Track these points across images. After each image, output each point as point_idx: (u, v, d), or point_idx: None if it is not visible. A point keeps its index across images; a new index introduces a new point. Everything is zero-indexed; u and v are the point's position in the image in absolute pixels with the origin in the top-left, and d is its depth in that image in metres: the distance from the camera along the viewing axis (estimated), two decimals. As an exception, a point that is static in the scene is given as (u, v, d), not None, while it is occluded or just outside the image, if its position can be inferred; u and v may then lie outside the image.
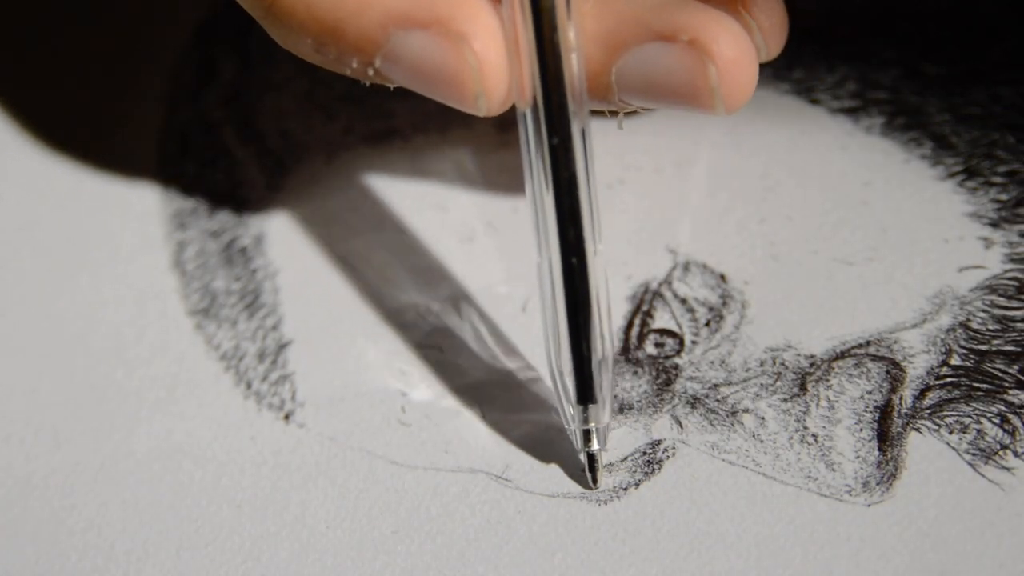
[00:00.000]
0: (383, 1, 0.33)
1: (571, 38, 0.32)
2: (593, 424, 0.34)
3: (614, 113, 0.36)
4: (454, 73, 0.32)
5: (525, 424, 0.36)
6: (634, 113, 0.35)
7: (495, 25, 0.32)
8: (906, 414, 0.35)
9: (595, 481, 0.35)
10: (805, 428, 0.35)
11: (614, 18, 0.33)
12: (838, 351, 0.36)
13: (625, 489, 0.35)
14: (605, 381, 0.34)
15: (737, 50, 0.32)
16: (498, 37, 0.32)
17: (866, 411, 0.35)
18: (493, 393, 0.37)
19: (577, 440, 0.35)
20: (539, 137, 0.33)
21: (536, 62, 0.32)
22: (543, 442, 0.36)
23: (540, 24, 0.32)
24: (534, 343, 0.37)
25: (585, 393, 0.34)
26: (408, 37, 0.32)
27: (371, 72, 0.33)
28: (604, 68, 0.33)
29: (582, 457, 0.35)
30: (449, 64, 0.32)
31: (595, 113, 0.34)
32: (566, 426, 0.35)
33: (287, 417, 0.37)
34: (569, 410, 0.34)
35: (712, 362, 0.37)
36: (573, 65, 0.33)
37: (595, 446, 0.35)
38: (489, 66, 0.32)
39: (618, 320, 0.37)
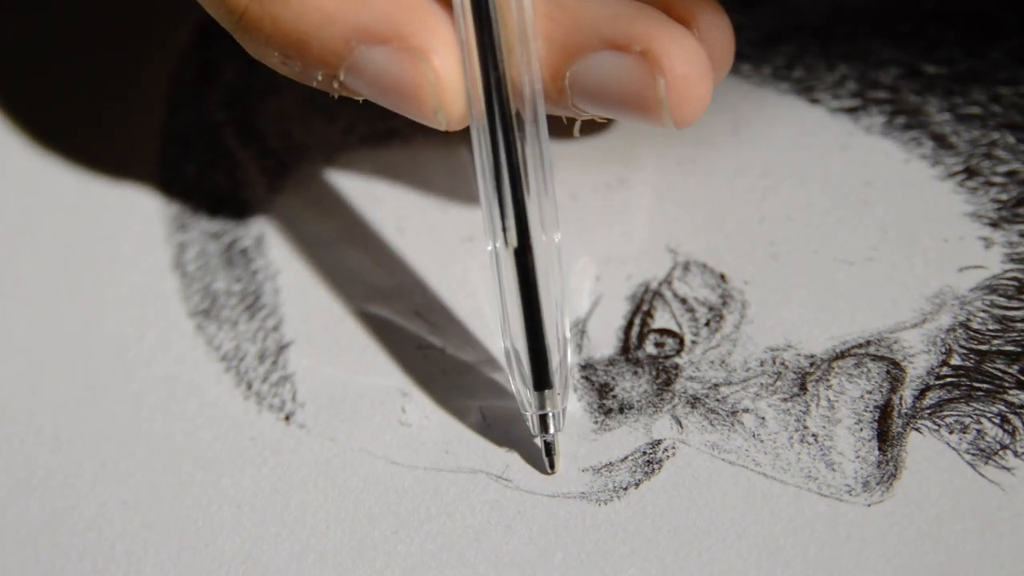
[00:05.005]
0: (346, 15, 0.33)
1: (519, 58, 0.33)
2: (550, 409, 0.34)
3: (572, 121, 0.36)
4: (413, 88, 0.33)
5: (526, 424, 0.36)
6: (592, 123, 0.35)
7: (456, 41, 0.33)
8: (906, 414, 0.35)
9: (552, 466, 0.35)
10: (805, 428, 0.35)
11: (570, 23, 0.33)
12: (838, 351, 0.36)
13: (625, 489, 0.35)
14: (560, 365, 0.34)
15: (688, 65, 0.32)
16: (458, 53, 0.33)
17: (866, 411, 0.35)
18: (494, 393, 0.37)
19: (533, 425, 0.35)
20: (487, 136, 0.33)
21: (480, 77, 0.33)
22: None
23: (483, 40, 0.32)
24: (534, 343, 0.37)
25: (541, 379, 0.34)
26: (370, 52, 0.33)
27: (336, 85, 0.34)
28: (559, 73, 0.33)
29: (538, 442, 0.35)
30: (408, 79, 0.33)
31: (553, 120, 0.34)
32: (523, 411, 0.35)
33: (287, 418, 0.37)
34: (526, 395, 0.34)
35: (712, 362, 0.37)
36: (527, 75, 0.33)
37: (551, 432, 0.35)
38: (447, 81, 0.33)
39: (618, 320, 0.37)
